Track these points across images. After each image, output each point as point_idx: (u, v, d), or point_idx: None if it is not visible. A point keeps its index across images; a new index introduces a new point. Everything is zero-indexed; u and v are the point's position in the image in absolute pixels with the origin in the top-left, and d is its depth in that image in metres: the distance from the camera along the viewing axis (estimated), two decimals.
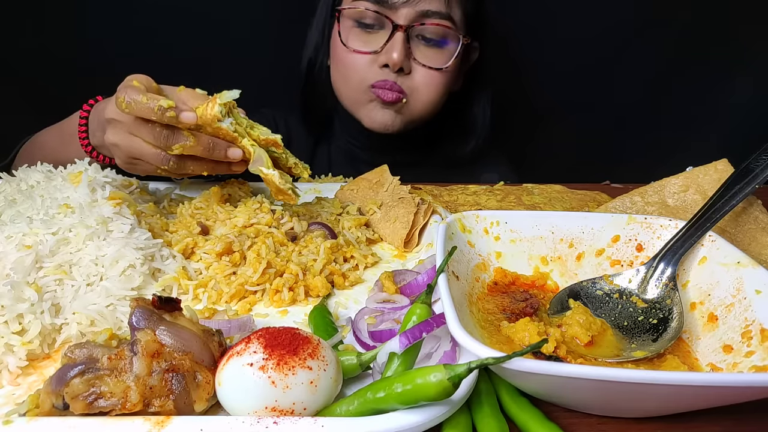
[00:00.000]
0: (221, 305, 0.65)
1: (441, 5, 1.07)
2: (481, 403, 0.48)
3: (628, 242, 0.66)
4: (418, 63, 1.11)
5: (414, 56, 1.11)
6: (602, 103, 1.68)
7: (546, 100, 1.71)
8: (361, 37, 1.13)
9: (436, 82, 1.14)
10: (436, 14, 1.07)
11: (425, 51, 1.11)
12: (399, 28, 1.07)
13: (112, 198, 0.71)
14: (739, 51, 1.61)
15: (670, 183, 0.82)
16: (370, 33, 1.12)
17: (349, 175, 1.12)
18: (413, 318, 0.52)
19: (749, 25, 1.58)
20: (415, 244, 0.81)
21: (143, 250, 0.66)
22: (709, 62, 1.63)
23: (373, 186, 0.91)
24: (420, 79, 1.13)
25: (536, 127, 1.72)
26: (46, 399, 0.44)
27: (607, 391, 0.43)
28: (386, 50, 1.09)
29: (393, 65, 1.08)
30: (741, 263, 0.56)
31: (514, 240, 0.68)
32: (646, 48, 1.61)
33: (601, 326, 0.56)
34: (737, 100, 1.67)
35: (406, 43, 1.08)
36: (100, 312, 0.58)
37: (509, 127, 1.61)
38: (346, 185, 0.94)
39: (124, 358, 0.45)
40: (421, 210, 0.82)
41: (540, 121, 1.72)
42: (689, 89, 1.65)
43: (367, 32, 1.12)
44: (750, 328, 0.51)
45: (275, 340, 0.46)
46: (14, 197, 0.74)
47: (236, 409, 0.44)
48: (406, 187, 0.88)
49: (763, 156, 0.66)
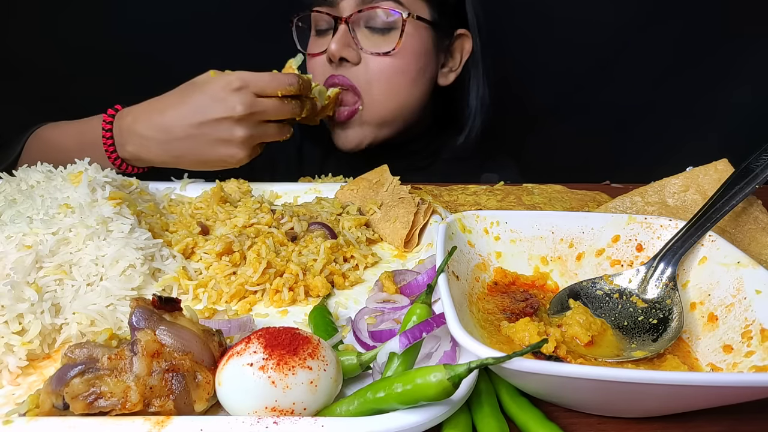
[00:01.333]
0: (221, 305, 0.65)
1: None
2: (481, 403, 0.48)
3: (628, 242, 0.66)
4: (366, 52, 1.09)
5: (360, 46, 1.09)
6: (602, 103, 1.68)
7: (546, 100, 1.71)
8: (317, 42, 1.14)
9: (389, 71, 1.10)
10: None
11: (372, 38, 1.09)
12: (341, 21, 1.07)
13: (112, 198, 0.71)
14: (740, 51, 1.61)
15: (670, 183, 0.82)
16: (324, 37, 1.12)
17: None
18: (413, 318, 0.52)
19: (749, 26, 1.58)
20: (415, 244, 0.81)
21: (143, 250, 0.66)
22: (709, 62, 1.63)
23: (373, 186, 0.91)
24: (371, 68, 1.10)
25: (536, 127, 1.72)
26: (46, 399, 0.44)
27: (607, 391, 0.43)
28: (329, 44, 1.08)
29: (331, 54, 1.07)
30: (741, 263, 0.56)
31: (514, 240, 0.68)
32: (646, 48, 1.61)
33: (601, 326, 0.56)
34: (737, 100, 1.67)
35: (349, 34, 1.07)
36: (100, 312, 0.58)
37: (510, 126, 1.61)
38: (346, 185, 0.94)
39: (124, 358, 0.45)
40: (421, 210, 0.82)
41: (540, 121, 1.72)
42: (689, 89, 1.65)
43: (322, 37, 1.13)
44: (750, 328, 0.51)
45: (275, 340, 0.46)
46: (14, 197, 0.74)
47: (236, 409, 0.44)
48: (406, 187, 0.88)
49: (763, 156, 0.66)
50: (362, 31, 1.09)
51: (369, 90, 1.11)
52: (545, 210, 0.91)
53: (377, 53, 1.09)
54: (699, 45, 1.59)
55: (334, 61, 1.09)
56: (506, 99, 1.62)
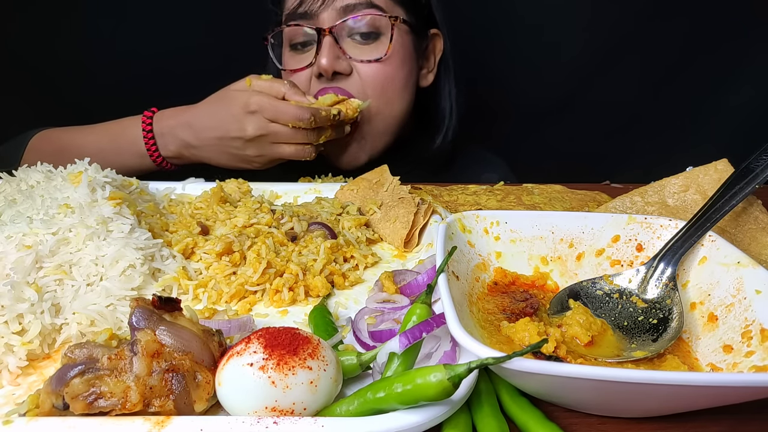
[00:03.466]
0: (221, 305, 0.65)
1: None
2: (481, 403, 0.48)
3: (628, 242, 0.66)
4: (356, 60, 1.07)
5: (349, 55, 1.07)
6: (602, 103, 1.68)
7: (546, 100, 1.71)
8: (295, 57, 1.12)
9: (382, 77, 1.09)
10: (358, 6, 1.05)
11: (360, 48, 1.08)
12: (324, 33, 1.05)
13: (112, 198, 0.71)
14: (740, 51, 1.61)
15: (670, 183, 0.82)
16: (304, 51, 1.10)
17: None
18: (413, 318, 0.52)
19: (750, 26, 1.58)
20: (415, 244, 0.81)
21: (143, 250, 0.66)
22: (709, 62, 1.63)
23: (373, 186, 0.91)
24: (363, 77, 1.08)
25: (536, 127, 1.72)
26: (46, 399, 0.44)
27: (607, 391, 0.43)
28: (317, 59, 1.06)
29: (324, 70, 1.05)
30: (741, 263, 0.56)
31: (514, 240, 0.68)
32: (647, 48, 1.61)
33: (601, 326, 0.56)
34: (737, 100, 1.67)
35: (335, 45, 1.05)
36: (100, 312, 0.58)
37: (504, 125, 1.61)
38: (346, 185, 0.94)
39: (124, 358, 0.45)
40: (421, 210, 0.82)
41: (540, 121, 1.72)
42: (689, 89, 1.66)
43: (301, 52, 1.11)
44: (750, 328, 0.51)
45: (275, 340, 0.46)
46: (14, 197, 0.74)
47: (236, 409, 0.44)
48: (406, 187, 0.88)
49: (763, 156, 0.66)
50: (347, 41, 1.07)
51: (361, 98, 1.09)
52: (545, 210, 0.90)
53: (368, 61, 1.07)
54: (699, 45, 1.59)
55: (325, 76, 1.07)
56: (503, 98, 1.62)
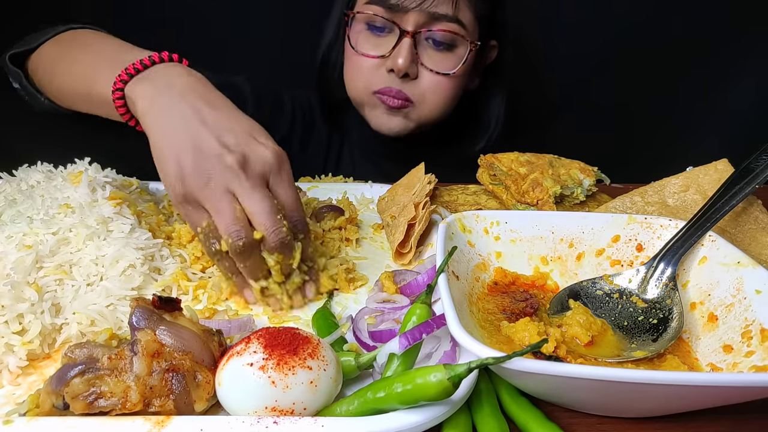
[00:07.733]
0: (221, 305, 0.65)
1: (449, 8, 1.06)
2: (481, 403, 0.48)
3: (628, 242, 0.66)
4: (425, 68, 1.10)
5: (421, 61, 1.10)
6: (602, 104, 1.68)
7: (545, 100, 1.71)
8: (371, 40, 1.12)
9: (443, 87, 1.13)
10: (444, 17, 1.06)
11: (433, 55, 1.10)
12: (406, 34, 1.06)
13: (112, 198, 0.71)
14: (740, 51, 1.61)
15: (670, 183, 0.82)
16: (380, 36, 1.11)
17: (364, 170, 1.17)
18: (413, 318, 0.52)
19: (750, 26, 1.58)
20: (412, 254, 0.75)
21: (143, 250, 0.66)
22: (709, 62, 1.63)
23: (407, 192, 0.86)
24: (426, 84, 1.12)
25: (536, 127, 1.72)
26: (46, 399, 0.44)
27: (606, 391, 0.43)
28: (393, 55, 1.08)
29: (398, 71, 1.08)
30: (741, 263, 0.56)
31: (514, 240, 0.68)
32: (647, 48, 1.61)
33: (601, 326, 0.56)
34: (737, 100, 1.67)
35: (413, 49, 1.07)
36: (100, 312, 0.58)
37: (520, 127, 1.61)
38: (382, 195, 0.90)
39: (124, 358, 0.45)
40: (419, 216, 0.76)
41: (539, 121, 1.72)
42: (689, 89, 1.65)
43: (377, 36, 1.11)
44: (750, 328, 0.51)
45: (275, 340, 0.46)
46: (14, 197, 0.74)
47: (236, 409, 0.44)
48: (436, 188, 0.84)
49: (763, 156, 0.66)
50: (423, 44, 1.09)
51: (421, 101, 1.13)
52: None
53: (436, 71, 1.10)
54: (700, 45, 1.59)
55: (396, 74, 1.09)
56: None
